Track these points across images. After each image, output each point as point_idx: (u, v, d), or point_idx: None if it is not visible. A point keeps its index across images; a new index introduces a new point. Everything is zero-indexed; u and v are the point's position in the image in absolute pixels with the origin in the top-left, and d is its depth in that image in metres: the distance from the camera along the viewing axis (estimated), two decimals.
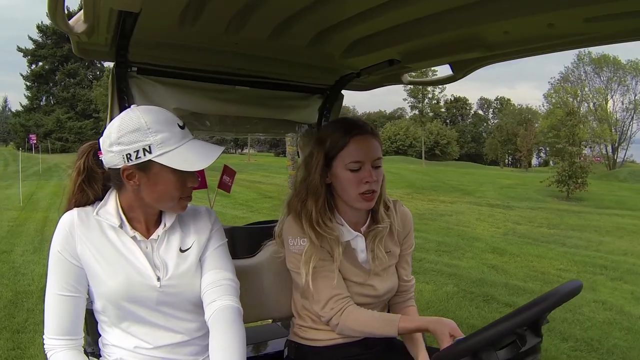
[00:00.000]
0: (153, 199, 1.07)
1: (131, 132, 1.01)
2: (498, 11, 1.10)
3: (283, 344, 1.50)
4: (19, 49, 41.37)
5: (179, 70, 1.56)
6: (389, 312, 1.50)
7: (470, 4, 1.08)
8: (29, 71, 43.23)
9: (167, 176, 1.04)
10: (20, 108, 43.71)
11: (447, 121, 72.85)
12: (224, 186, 7.52)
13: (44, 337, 1.07)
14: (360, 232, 1.35)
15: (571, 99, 46.81)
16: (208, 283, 1.14)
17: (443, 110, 72.31)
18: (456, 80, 1.62)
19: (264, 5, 1.15)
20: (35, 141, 22.32)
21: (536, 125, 47.09)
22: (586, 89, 47.86)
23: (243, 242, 1.70)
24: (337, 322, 1.26)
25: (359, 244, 1.34)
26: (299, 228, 1.28)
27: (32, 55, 42.67)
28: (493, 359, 0.83)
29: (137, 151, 1.01)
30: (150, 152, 1.01)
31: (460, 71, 1.55)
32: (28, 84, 43.21)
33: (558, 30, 1.14)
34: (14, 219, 8.14)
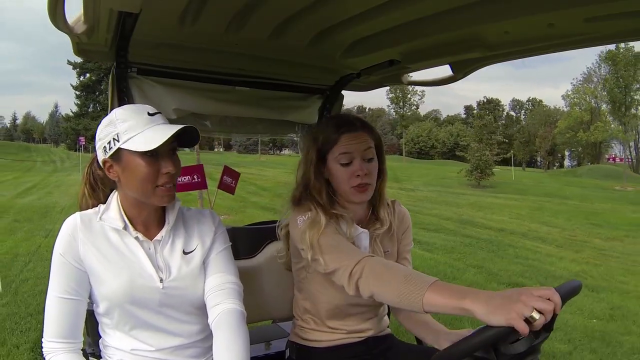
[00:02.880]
0: (132, 189, 1.07)
1: (105, 127, 1.06)
2: (498, 11, 1.10)
3: (284, 345, 1.49)
4: (69, 62, 47.22)
5: (179, 70, 1.56)
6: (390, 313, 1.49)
7: (470, 4, 1.08)
8: (78, 82, 49.15)
9: (136, 161, 1.04)
10: (70, 113, 50.60)
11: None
12: (227, 187, 7.59)
13: (42, 340, 1.06)
14: (365, 229, 1.35)
15: (590, 100, 46.27)
16: (212, 287, 1.14)
17: (476, 110, 72.89)
18: (456, 80, 1.61)
19: (264, 5, 1.15)
20: (84, 143, 25.82)
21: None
22: (602, 90, 47.40)
23: (244, 242, 1.70)
24: (361, 270, 1.07)
25: (363, 240, 1.33)
26: (305, 209, 1.28)
27: (81, 68, 48.16)
28: (509, 351, 0.83)
29: (110, 142, 1.05)
30: (118, 141, 1.04)
31: (460, 71, 1.54)
32: (77, 93, 49.05)
33: (558, 30, 1.14)
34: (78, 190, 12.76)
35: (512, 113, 74.94)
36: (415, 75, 1.73)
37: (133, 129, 1.03)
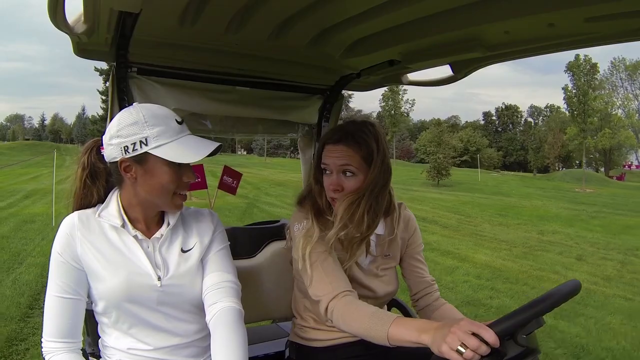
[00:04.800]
0: (149, 192, 1.07)
1: (129, 125, 1.03)
2: (498, 11, 1.10)
3: (284, 345, 1.49)
4: (96, 69, 46.96)
5: (179, 70, 1.56)
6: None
7: (470, 4, 1.08)
8: (104, 87, 49.00)
9: (162, 168, 1.05)
10: (96, 115, 51.01)
11: (499, 129, 73.19)
12: (228, 187, 7.61)
13: (42, 340, 1.05)
14: None
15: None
16: (209, 285, 1.14)
17: (494, 118, 72.54)
18: (456, 80, 1.61)
19: (264, 5, 1.15)
20: None
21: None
22: (612, 97, 47.10)
23: (244, 242, 1.70)
24: (333, 309, 1.14)
25: None
26: (304, 214, 1.30)
27: (106, 75, 49.47)
28: None
29: (135, 143, 1.02)
30: (146, 145, 1.02)
31: (461, 71, 1.54)
32: (103, 97, 49.04)
33: (558, 30, 1.13)
34: None
35: (531, 119, 74.96)
36: (415, 75, 1.73)
37: (163, 136, 1.03)
